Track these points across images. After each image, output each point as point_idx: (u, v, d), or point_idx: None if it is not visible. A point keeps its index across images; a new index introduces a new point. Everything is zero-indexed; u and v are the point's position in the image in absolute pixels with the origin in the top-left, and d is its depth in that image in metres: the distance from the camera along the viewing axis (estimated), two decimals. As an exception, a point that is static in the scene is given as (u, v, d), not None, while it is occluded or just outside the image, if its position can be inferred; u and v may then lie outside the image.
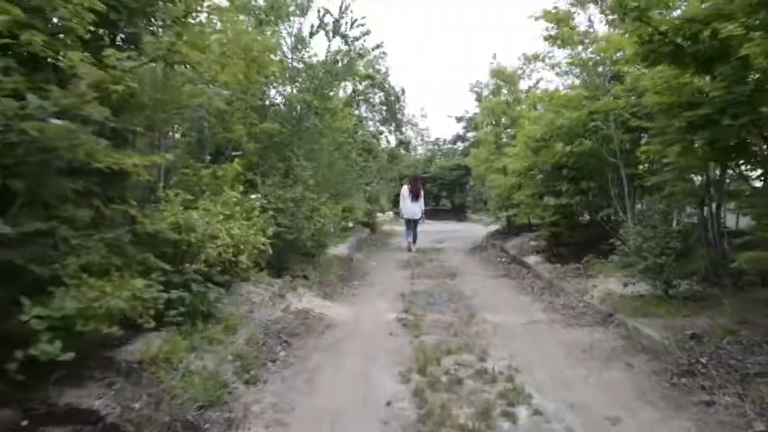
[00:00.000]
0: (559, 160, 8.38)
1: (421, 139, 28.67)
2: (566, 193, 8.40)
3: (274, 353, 4.27)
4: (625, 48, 6.24)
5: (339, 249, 10.01)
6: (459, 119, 17.19)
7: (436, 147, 28.31)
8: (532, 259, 8.80)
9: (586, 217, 10.12)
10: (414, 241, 11.77)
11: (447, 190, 26.76)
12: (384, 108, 15.93)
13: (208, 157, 6.33)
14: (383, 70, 15.05)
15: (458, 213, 25.35)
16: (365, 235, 13.40)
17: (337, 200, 9.86)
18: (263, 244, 4.92)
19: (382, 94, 15.49)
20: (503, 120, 13.27)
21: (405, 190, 11.82)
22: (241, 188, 5.62)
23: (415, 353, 4.37)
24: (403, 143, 16.71)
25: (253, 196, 6.03)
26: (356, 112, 15.51)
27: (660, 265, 5.01)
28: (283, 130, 7.43)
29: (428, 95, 45.07)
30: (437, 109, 49.15)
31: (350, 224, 11.50)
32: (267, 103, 7.29)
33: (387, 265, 9.56)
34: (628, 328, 4.77)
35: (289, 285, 6.20)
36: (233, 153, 6.71)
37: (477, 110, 16.17)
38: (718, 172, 5.82)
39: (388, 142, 16.81)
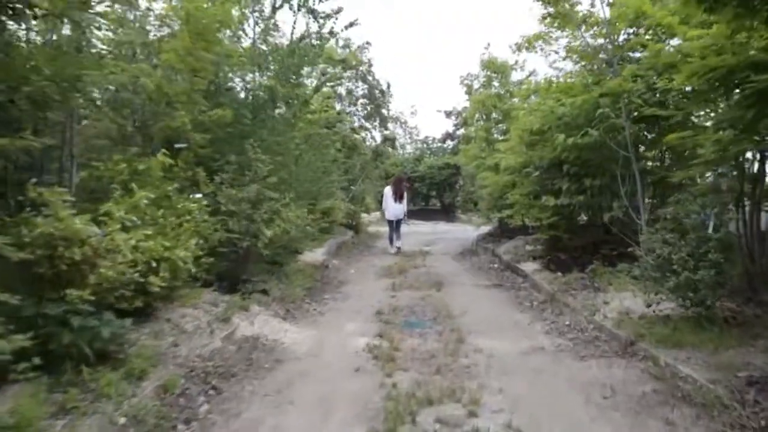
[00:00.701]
0: (559, 155, 7.29)
1: (410, 138, 27.65)
2: (567, 193, 7.31)
3: (193, 408, 3.12)
4: (646, 12, 5.15)
5: (314, 254, 8.87)
6: (448, 114, 16.18)
7: (425, 145, 27.23)
8: (528, 267, 7.70)
9: (583, 218, 9.11)
10: (398, 239, 11.17)
11: (436, 189, 25.67)
12: (368, 103, 14.78)
13: (163, 151, 5.15)
14: (366, 61, 13.90)
15: (448, 213, 24.28)
16: (347, 237, 12.25)
17: (313, 200, 8.72)
18: (184, 261, 3.74)
19: (365, 87, 14.33)
20: (494, 114, 12.18)
21: (388, 190, 11.17)
22: (175, 186, 4.47)
23: (384, 402, 3.26)
24: (389, 140, 15.58)
25: (196, 196, 4.88)
26: (337, 105, 14.38)
27: (694, 281, 3.92)
28: (245, 121, 6.29)
29: (423, 94, 44.01)
30: (429, 108, 47.99)
31: (326, 225, 10.35)
32: (223, 87, 6.10)
33: (367, 273, 8.42)
34: (659, 364, 3.67)
35: (240, 304, 5.04)
36: (177, 145, 5.55)
37: (467, 104, 15.07)
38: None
39: (372, 138, 15.69)
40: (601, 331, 4.65)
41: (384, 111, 14.83)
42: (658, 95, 6.51)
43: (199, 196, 4.87)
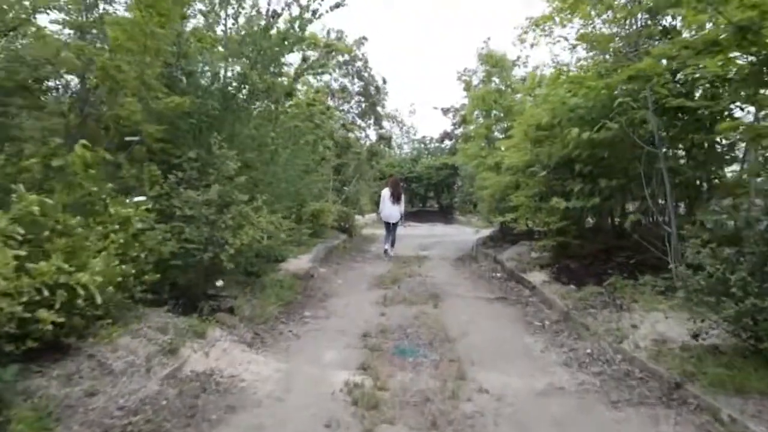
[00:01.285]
0: (570, 153, 6.42)
1: (407, 137, 26.77)
2: (579, 195, 6.42)
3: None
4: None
5: (299, 262, 7.97)
6: (446, 111, 15.23)
7: (422, 145, 26.34)
8: (535, 277, 6.80)
9: (589, 221, 8.23)
10: (392, 245, 10.61)
11: (434, 190, 24.78)
12: (362, 100, 13.89)
13: (83, 142, 4.25)
14: (361, 56, 13.01)
15: (446, 214, 23.39)
16: (339, 241, 11.34)
17: (297, 203, 7.83)
18: (84, 286, 2.81)
19: (360, 84, 13.44)
20: (495, 111, 11.28)
21: (385, 192, 10.65)
22: (109, 186, 3.57)
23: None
24: (384, 139, 14.69)
25: (137, 199, 3.98)
26: (330, 102, 13.48)
27: (762, 309, 3.02)
28: (213, 112, 5.39)
29: (421, 93, 43.21)
30: (427, 107, 47.07)
31: (313, 229, 9.46)
32: (183, 71, 5.19)
33: (357, 283, 7.52)
34: (721, 419, 2.78)
35: (197, 328, 4.14)
36: (127, 138, 4.65)
37: (466, 101, 14.17)
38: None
39: (367, 137, 14.79)
40: (632, 365, 3.76)
41: (379, 108, 13.93)
42: (681, 85, 5.66)
43: (141, 198, 3.97)
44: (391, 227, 10.61)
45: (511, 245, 9.34)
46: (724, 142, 5.69)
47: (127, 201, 3.74)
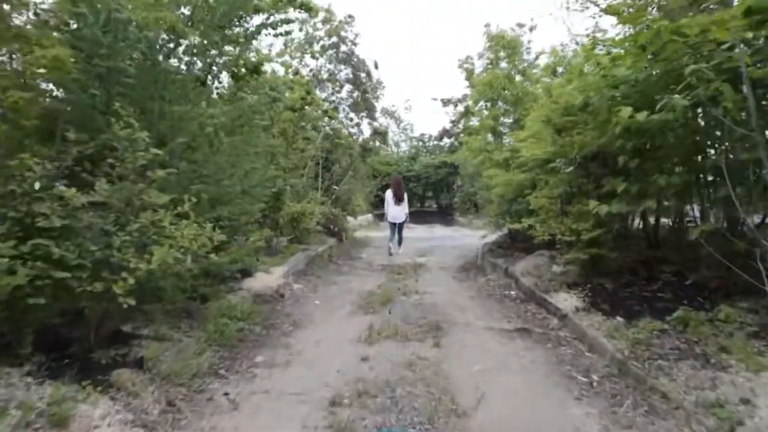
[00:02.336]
0: (609, 142, 4.85)
1: (404, 134, 25.18)
2: (624, 196, 4.83)
3: None
4: None
5: (269, 277, 6.39)
6: (446, 102, 13.63)
7: (420, 143, 24.75)
8: (564, 301, 5.21)
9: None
10: (399, 244, 10.73)
11: (432, 190, 23.26)
12: (353, 89, 12.30)
13: None
14: (349, 37, 11.39)
15: (445, 215, 21.83)
16: (324, 248, 9.74)
17: (263, 203, 6.24)
18: None
19: (349, 70, 11.83)
20: (502, 101, 9.67)
21: (389, 193, 10.62)
22: None
23: None
24: (379, 133, 13.10)
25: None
26: (319, 92, 11.87)
27: None
28: (127, 79, 3.79)
29: (418, 90, 41.61)
30: (425, 104, 45.39)
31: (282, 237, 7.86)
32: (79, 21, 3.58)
33: (338, 305, 5.93)
34: None
35: (62, 406, 2.55)
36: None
37: (468, 91, 12.59)
38: None
39: (360, 131, 13.19)
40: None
41: (371, 98, 12.32)
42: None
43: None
44: (396, 228, 10.52)
45: (525, 254, 7.74)
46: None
47: None
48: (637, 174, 4.78)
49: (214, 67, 5.03)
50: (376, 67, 12.14)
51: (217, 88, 5.57)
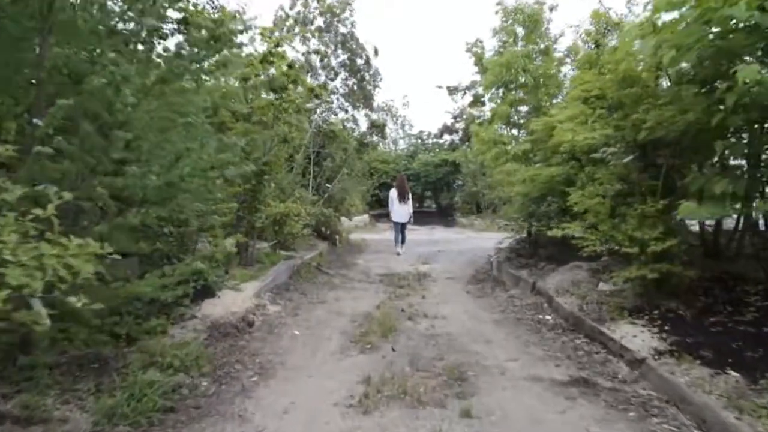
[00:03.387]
0: (702, 121, 3.38)
1: (403, 131, 23.71)
2: (725, 197, 3.34)
3: None
4: None
5: (239, 297, 4.88)
6: (452, 90, 12.08)
7: (419, 141, 23.27)
8: (631, 336, 3.72)
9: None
10: (403, 243, 10.45)
11: (432, 189, 21.79)
12: (348, 76, 10.79)
13: None
14: (348, 20, 9.89)
15: (445, 216, 20.36)
16: (313, 254, 8.23)
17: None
18: None
19: (345, 57, 10.33)
20: (518, 86, 8.17)
21: (393, 192, 10.34)
22: None
23: None
24: (377, 126, 11.60)
25: None
26: (309, 79, 10.36)
27: None
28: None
29: (415, 87, 40.08)
30: (423, 102, 43.72)
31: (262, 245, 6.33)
32: None
33: (323, 337, 4.42)
34: None
35: None
36: None
37: (477, 78, 11.11)
38: None
39: (356, 124, 11.67)
40: None
41: (369, 87, 10.81)
42: None
43: None
44: (400, 227, 10.25)
45: (553, 264, 6.26)
46: None
47: None
48: (754, 163, 3.30)
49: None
50: (376, 53, 10.66)
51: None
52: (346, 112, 11.19)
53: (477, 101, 11.32)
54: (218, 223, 4.87)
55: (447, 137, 21.52)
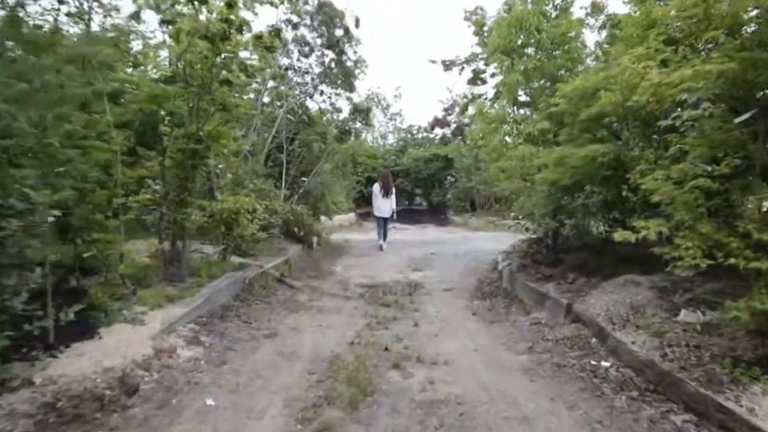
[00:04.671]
0: None
1: (392, 125, 21.93)
2: None
3: None
4: None
5: (143, 331, 3.07)
6: (448, 65, 10.29)
7: (409, 135, 21.50)
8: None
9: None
10: (384, 238, 9.94)
11: (422, 186, 19.99)
12: (323, 54, 8.98)
13: None
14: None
15: (437, 214, 18.60)
16: (278, 261, 6.41)
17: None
18: None
19: (320, 24, 8.50)
20: (530, 50, 6.41)
21: (376, 187, 10.03)
22: None
23: None
24: (360, 111, 9.79)
25: None
26: (283, 59, 8.53)
27: None
28: None
29: (407, 79, 38.17)
30: (413, 96, 41.62)
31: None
32: None
33: (255, 409, 2.63)
34: None
35: None
36: None
37: (478, 50, 9.35)
38: None
39: (335, 108, 9.83)
40: None
41: (349, 64, 8.97)
42: None
43: None
44: (383, 222, 9.88)
45: (585, 275, 4.52)
46: None
47: None
48: None
49: None
50: (357, 24, 8.85)
51: None
52: (322, 93, 9.35)
53: (477, 77, 9.56)
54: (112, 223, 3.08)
55: (438, 131, 19.78)
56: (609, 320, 3.51)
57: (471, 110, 11.34)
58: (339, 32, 8.64)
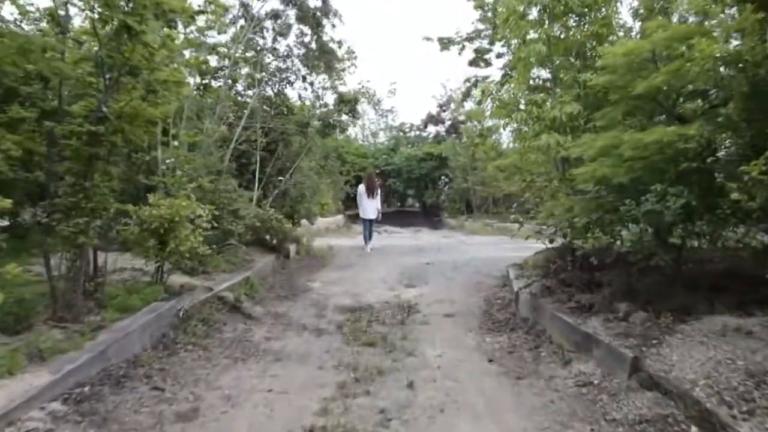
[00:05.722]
0: None
1: (383, 123, 20.56)
2: None
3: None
4: None
5: None
6: (446, 43, 8.87)
7: (401, 133, 20.13)
8: None
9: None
10: (370, 238, 9.33)
11: (415, 186, 18.63)
12: (301, 34, 7.57)
13: None
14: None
15: (431, 217, 17.25)
16: (236, 280, 4.99)
17: None
18: None
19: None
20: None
21: (362, 188, 9.43)
22: None
23: None
24: (346, 102, 8.39)
25: None
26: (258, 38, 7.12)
27: None
28: None
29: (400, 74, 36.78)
30: (406, 94, 40.06)
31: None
32: None
33: None
34: None
35: None
36: None
37: (480, 26, 8.01)
38: None
39: (317, 97, 8.41)
40: None
41: (326, 38, 7.55)
42: None
43: None
44: (368, 224, 9.44)
45: (637, 305, 3.17)
46: None
47: None
48: None
49: None
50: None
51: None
52: (304, 80, 7.93)
53: (480, 58, 8.21)
54: None
55: (432, 128, 18.46)
56: (718, 397, 2.16)
57: (475, 94, 9.88)
58: (314, 1, 7.21)
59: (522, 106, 5.06)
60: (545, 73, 5.35)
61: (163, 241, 3.94)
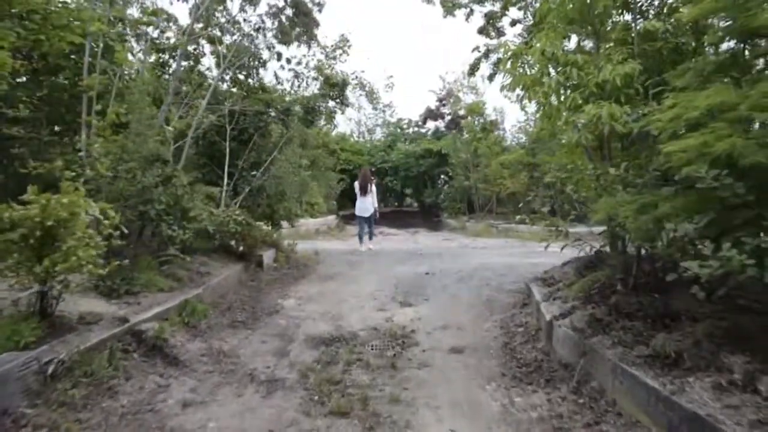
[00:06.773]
0: None
1: (381, 118, 19.24)
2: None
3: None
4: None
5: None
6: (451, 7, 7.53)
7: (398, 130, 18.80)
8: None
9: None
10: (370, 238, 9.05)
11: (413, 185, 17.29)
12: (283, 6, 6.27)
13: None
14: None
15: (430, 217, 15.92)
16: (174, 303, 3.68)
17: None
18: None
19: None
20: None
21: (355, 185, 9.23)
22: None
23: None
24: (333, 85, 7.09)
25: None
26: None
27: None
28: None
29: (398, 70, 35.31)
30: (402, 88, 38.61)
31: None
32: None
33: None
34: None
35: None
36: None
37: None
38: None
39: (295, 75, 7.08)
40: None
41: (309, 4, 6.23)
42: None
43: None
44: (364, 222, 9.01)
45: (746, 357, 1.87)
46: None
47: None
48: None
49: None
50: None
51: None
52: (279, 57, 6.60)
53: (491, 24, 6.90)
54: None
55: (431, 124, 17.14)
56: None
57: (483, 70, 8.48)
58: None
59: (551, 72, 3.74)
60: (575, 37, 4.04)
61: (39, 255, 2.62)
